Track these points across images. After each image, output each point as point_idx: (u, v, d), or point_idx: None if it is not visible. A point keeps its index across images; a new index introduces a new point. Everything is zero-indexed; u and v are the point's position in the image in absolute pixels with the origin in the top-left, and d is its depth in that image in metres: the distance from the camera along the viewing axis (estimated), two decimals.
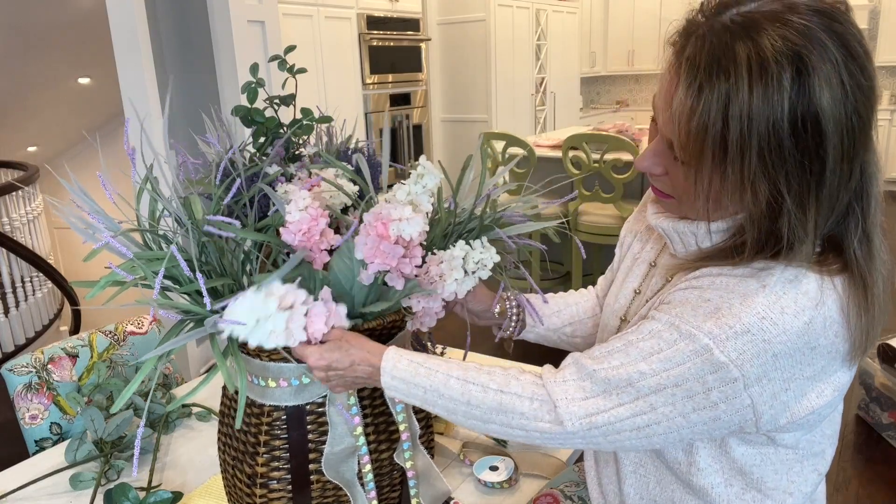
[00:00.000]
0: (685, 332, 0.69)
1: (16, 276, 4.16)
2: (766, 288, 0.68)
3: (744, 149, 0.65)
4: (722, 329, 0.68)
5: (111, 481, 1.16)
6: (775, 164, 0.65)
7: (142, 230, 0.77)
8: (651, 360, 0.71)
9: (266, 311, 0.69)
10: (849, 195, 0.70)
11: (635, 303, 0.89)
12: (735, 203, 0.71)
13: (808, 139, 0.64)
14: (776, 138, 0.64)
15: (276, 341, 0.71)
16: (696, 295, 0.72)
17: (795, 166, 0.66)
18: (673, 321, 0.71)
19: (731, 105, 0.64)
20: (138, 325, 1.59)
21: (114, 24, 2.42)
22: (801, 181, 0.66)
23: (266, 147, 0.97)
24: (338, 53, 4.19)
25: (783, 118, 0.64)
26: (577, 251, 3.56)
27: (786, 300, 0.68)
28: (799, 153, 0.65)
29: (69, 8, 3.83)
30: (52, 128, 5.27)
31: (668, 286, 0.81)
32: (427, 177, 0.79)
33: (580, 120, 7.01)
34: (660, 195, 0.80)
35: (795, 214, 0.67)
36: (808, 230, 0.68)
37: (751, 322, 0.67)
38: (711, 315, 0.69)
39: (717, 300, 0.69)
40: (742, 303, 0.68)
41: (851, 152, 0.66)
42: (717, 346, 0.67)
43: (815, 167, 0.66)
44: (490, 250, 0.86)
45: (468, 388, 0.78)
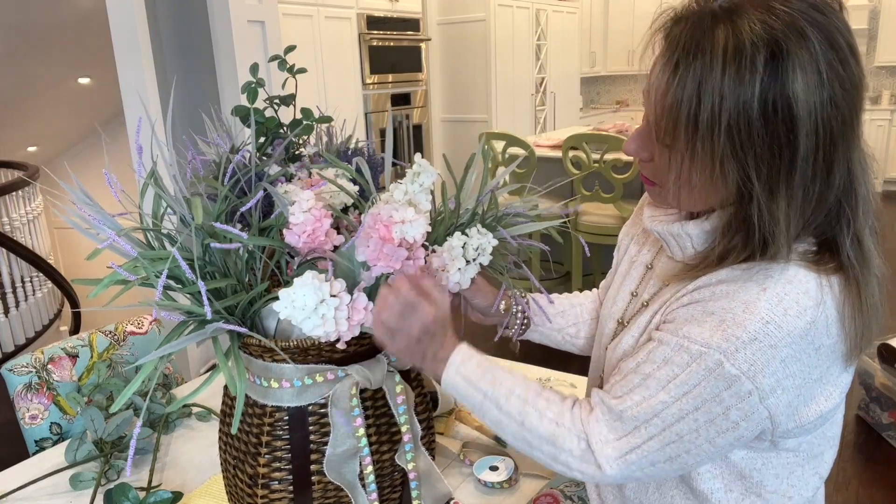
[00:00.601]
0: (695, 353, 0.69)
1: (16, 276, 4.16)
2: (767, 291, 0.68)
3: (713, 126, 0.66)
4: (730, 341, 0.67)
5: (111, 481, 1.16)
6: (744, 146, 0.66)
7: (145, 229, 0.77)
8: (669, 388, 0.71)
9: (323, 296, 0.69)
10: (835, 193, 0.69)
11: (632, 305, 0.89)
12: (706, 185, 0.70)
13: (778, 123, 0.65)
14: (745, 118, 0.65)
15: (327, 328, 0.71)
16: (699, 309, 0.72)
17: (765, 150, 0.66)
18: (682, 343, 0.71)
19: (704, 83, 0.65)
20: (138, 325, 1.59)
21: (114, 24, 2.42)
22: (770, 167, 0.66)
23: (266, 147, 0.97)
24: (338, 53, 4.18)
25: (753, 99, 0.64)
26: (577, 251, 3.56)
27: (787, 301, 0.68)
28: (768, 137, 0.65)
29: (69, 8, 3.83)
30: (52, 128, 5.27)
31: (664, 291, 0.82)
32: (424, 175, 0.79)
33: (580, 120, 7.01)
34: (646, 182, 0.80)
35: (765, 202, 0.67)
36: (778, 220, 0.68)
37: (756, 329, 0.67)
38: (717, 328, 0.69)
39: (720, 312, 0.69)
40: (745, 310, 0.68)
41: (828, 144, 0.66)
42: (728, 359, 0.67)
43: (785, 154, 0.66)
44: (487, 235, 0.86)
45: (526, 410, 0.78)
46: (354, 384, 0.82)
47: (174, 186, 0.81)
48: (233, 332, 0.74)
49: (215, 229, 0.74)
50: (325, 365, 0.82)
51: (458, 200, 0.92)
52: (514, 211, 0.96)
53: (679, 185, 0.73)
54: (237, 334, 0.76)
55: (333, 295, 0.71)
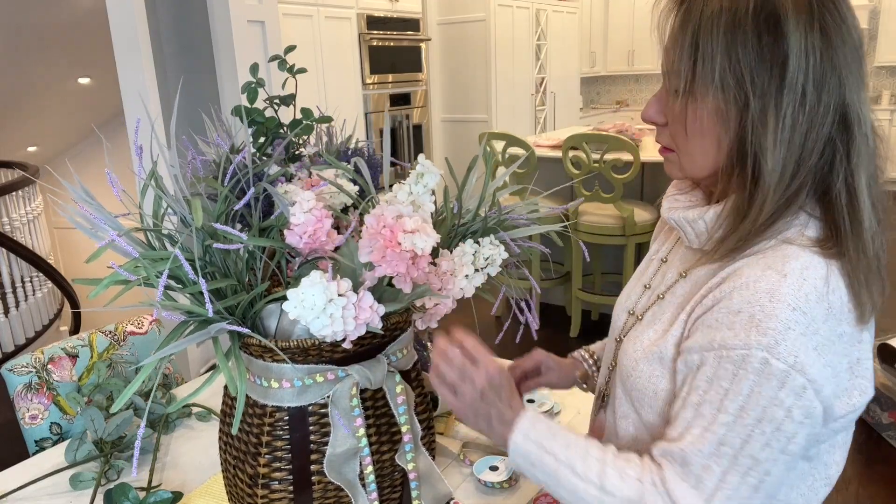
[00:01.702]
0: (737, 359, 0.67)
1: (16, 276, 4.16)
2: (788, 277, 0.67)
3: (712, 40, 0.69)
4: (767, 335, 0.65)
5: (111, 481, 1.16)
6: (740, 57, 0.68)
7: (146, 229, 0.77)
8: (724, 405, 0.68)
9: (331, 296, 0.69)
10: (827, 128, 0.69)
11: (644, 297, 0.89)
12: (712, 123, 0.72)
13: (769, 36, 0.68)
14: (741, 31, 0.68)
15: (335, 327, 0.71)
16: (723, 311, 0.69)
17: (759, 61, 0.68)
18: (720, 354, 0.68)
19: (705, 9, 0.70)
20: (138, 326, 1.59)
21: (114, 24, 2.42)
22: (764, 81, 0.68)
23: (266, 147, 0.97)
24: (338, 53, 4.18)
25: (747, 14, 0.68)
26: (577, 252, 3.56)
27: (807, 287, 0.67)
28: (760, 47, 0.68)
29: (69, 8, 3.83)
30: (52, 128, 5.27)
31: (681, 283, 0.81)
32: (427, 176, 0.79)
33: (580, 120, 7.01)
34: (663, 151, 0.82)
35: (758, 120, 0.69)
36: (766, 145, 0.69)
37: (787, 317, 0.65)
38: (749, 325, 0.67)
39: (746, 307, 0.67)
40: (771, 299, 0.66)
41: (818, 71, 0.68)
42: (772, 354, 0.65)
43: (776, 70, 0.68)
44: (498, 247, 0.87)
45: (606, 471, 0.73)
46: (355, 384, 0.82)
47: (174, 186, 0.81)
48: (233, 332, 0.74)
49: (216, 230, 0.74)
50: (325, 365, 0.82)
51: (459, 202, 0.92)
52: (515, 216, 0.96)
53: (690, 135, 0.75)
54: (238, 334, 0.76)
55: (340, 294, 0.71)
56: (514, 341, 1.07)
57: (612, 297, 3.52)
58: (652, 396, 0.78)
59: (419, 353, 1.28)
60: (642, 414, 0.81)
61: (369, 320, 0.74)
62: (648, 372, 0.78)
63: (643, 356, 0.79)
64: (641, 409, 0.80)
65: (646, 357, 0.79)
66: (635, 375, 0.80)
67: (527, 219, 0.96)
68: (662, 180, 3.60)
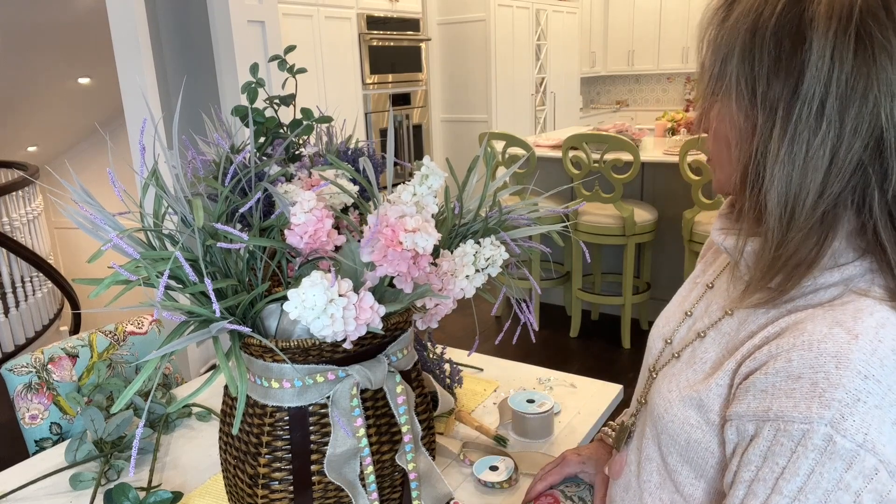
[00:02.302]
0: (797, 434, 0.58)
1: (16, 276, 4.16)
2: (860, 339, 0.58)
3: (734, 42, 0.64)
4: (831, 407, 0.57)
5: (111, 481, 1.16)
6: (755, 63, 0.62)
7: (146, 229, 0.77)
8: (780, 486, 0.59)
9: (332, 296, 0.69)
10: (857, 154, 0.59)
11: (684, 326, 0.81)
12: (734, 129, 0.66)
13: (790, 41, 0.60)
14: (760, 35, 0.62)
15: (336, 328, 0.71)
16: (782, 374, 0.61)
17: (775, 69, 0.61)
18: (777, 427, 0.60)
19: (742, 10, 0.64)
20: (138, 325, 1.59)
21: (114, 24, 2.42)
22: (776, 90, 0.61)
23: (266, 147, 0.97)
24: (338, 53, 4.18)
25: (772, 16, 0.61)
26: (577, 252, 3.56)
27: (883, 350, 0.58)
28: (778, 53, 0.61)
29: (69, 8, 3.83)
30: (52, 128, 5.27)
31: (725, 321, 0.73)
32: (432, 177, 0.79)
33: (580, 120, 7.01)
34: (708, 162, 0.76)
35: (765, 134, 0.62)
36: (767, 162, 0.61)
37: (856, 387, 0.57)
38: (811, 394, 0.58)
39: (808, 373, 0.59)
40: (838, 366, 0.58)
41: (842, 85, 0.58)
42: (837, 430, 0.57)
43: (792, 75, 0.60)
44: (499, 248, 0.87)
45: None
46: (355, 384, 0.82)
47: (175, 186, 0.81)
48: (234, 332, 0.74)
49: (216, 230, 0.74)
50: (325, 365, 0.82)
51: (461, 202, 0.92)
52: (516, 216, 0.96)
53: (710, 139, 0.70)
54: (238, 334, 0.76)
55: (341, 294, 0.71)
56: (514, 341, 1.07)
57: (611, 297, 3.53)
58: (684, 445, 0.71)
59: (419, 354, 1.28)
60: (668, 461, 0.74)
61: (370, 320, 0.74)
62: (683, 417, 0.71)
63: (678, 398, 0.72)
64: (669, 456, 0.74)
65: (682, 400, 0.71)
66: (668, 418, 0.72)
67: (527, 219, 0.96)
68: (662, 180, 3.60)
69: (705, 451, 0.69)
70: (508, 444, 1.22)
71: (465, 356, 1.51)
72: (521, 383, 1.45)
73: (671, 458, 0.73)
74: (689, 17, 7.08)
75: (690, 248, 3.20)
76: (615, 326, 3.74)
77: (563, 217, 0.99)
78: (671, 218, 3.57)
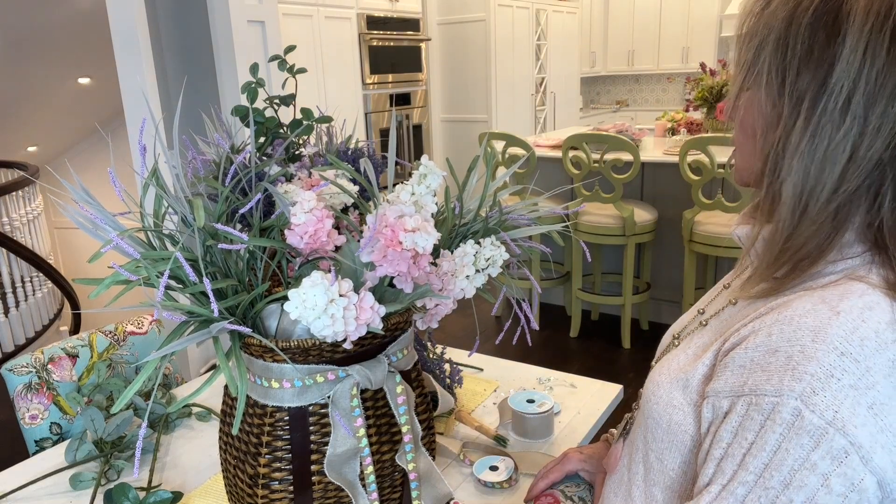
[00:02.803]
0: (767, 407, 0.57)
1: (16, 276, 4.17)
2: (841, 315, 0.57)
3: (769, 31, 0.63)
4: (802, 380, 0.55)
5: (111, 481, 1.16)
6: (788, 52, 0.61)
7: (147, 229, 0.77)
8: (746, 462, 0.58)
9: (332, 296, 0.69)
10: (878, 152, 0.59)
11: (694, 321, 0.79)
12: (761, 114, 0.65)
13: (824, 33, 0.59)
14: (796, 24, 0.61)
15: (336, 328, 0.71)
16: (761, 348, 0.60)
17: (806, 59, 0.60)
18: (749, 400, 0.59)
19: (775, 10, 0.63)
20: (138, 326, 1.59)
21: (114, 24, 2.42)
22: (805, 80, 0.60)
23: (266, 147, 0.97)
24: (338, 53, 4.19)
25: (809, 8, 0.60)
26: (577, 252, 3.56)
27: (865, 329, 0.57)
28: (811, 43, 0.60)
29: (69, 8, 3.83)
30: (52, 128, 5.27)
31: (727, 310, 0.73)
32: (430, 177, 0.79)
33: (580, 120, 7.01)
34: (733, 153, 0.75)
35: (788, 124, 0.61)
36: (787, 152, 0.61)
37: (831, 362, 0.55)
38: (785, 367, 0.57)
39: (784, 346, 0.58)
40: (814, 339, 0.57)
41: (871, 82, 0.58)
42: (806, 404, 0.55)
43: (822, 66, 0.59)
44: (500, 248, 0.87)
45: None
46: (355, 384, 0.82)
47: (175, 186, 0.81)
48: (234, 332, 0.74)
49: (216, 230, 0.74)
50: (325, 365, 0.82)
51: (461, 202, 0.92)
52: (516, 216, 0.96)
53: (736, 128, 0.69)
54: (238, 334, 0.76)
55: (342, 295, 0.71)
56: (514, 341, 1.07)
57: (612, 297, 3.53)
58: (665, 428, 0.70)
59: (419, 354, 1.28)
60: (652, 447, 0.72)
61: (370, 321, 0.74)
62: (667, 398, 0.69)
63: (667, 380, 0.71)
64: (652, 442, 0.72)
65: (669, 381, 0.70)
66: (654, 401, 0.71)
67: (527, 219, 0.96)
68: (662, 180, 3.60)
69: (684, 434, 0.68)
70: (508, 444, 1.22)
71: (466, 356, 1.51)
72: (521, 383, 1.45)
73: (654, 444, 0.72)
74: (689, 17, 7.08)
75: (690, 248, 3.20)
76: (615, 326, 3.74)
77: (563, 217, 0.99)
78: (671, 218, 3.57)
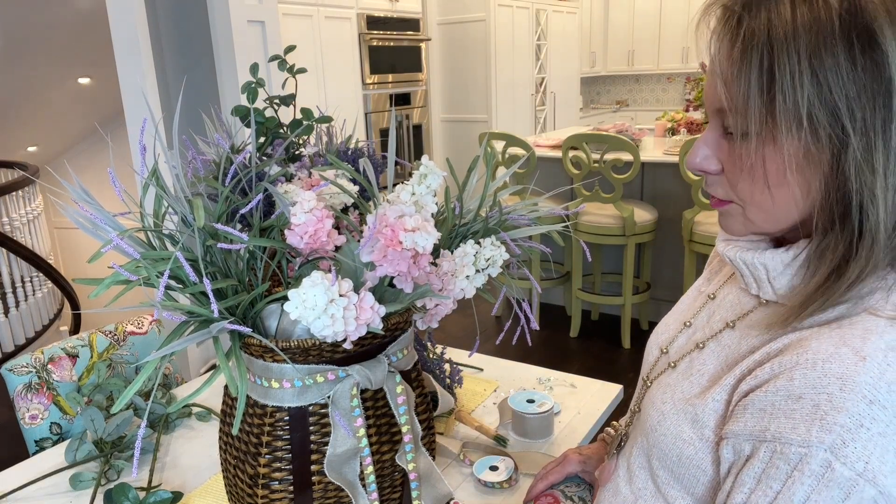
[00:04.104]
0: (794, 458, 0.55)
1: (16, 276, 4.17)
2: (867, 360, 0.55)
3: (794, 68, 0.55)
4: (832, 431, 0.54)
5: (111, 481, 1.16)
6: (831, 85, 0.55)
7: (147, 229, 0.77)
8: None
9: (332, 296, 0.69)
10: None
11: (682, 336, 0.78)
12: (798, 165, 0.58)
13: (865, 58, 0.54)
14: (830, 55, 0.55)
15: (336, 328, 0.71)
16: (782, 393, 0.57)
17: (857, 90, 0.55)
18: (773, 448, 0.57)
19: (775, 29, 0.56)
20: (138, 326, 1.59)
21: (114, 24, 2.42)
22: (864, 109, 0.55)
23: (266, 147, 0.97)
24: (338, 53, 4.19)
25: (834, 32, 0.55)
26: (577, 252, 3.56)
27: (891, 374, 0.55)
28: (856, 72, 0.54)
29: (69, 8, 3.83)
30: (52, 128, 5.27)
31: (726, 334, 0.70)
32: (430, 177, 0.79)
33: (580, 120, 7.02)
34: (718, 205, 0.68)
35: (863, 161, 0.55)
36: (876, 191, 0.55)
37: (861, 412, 0.54)
38: (812, 417, 0.55)
39: (810, 394, 0.56)
40: (842, 388, 0.54)
41: None
42: (836, 456, 0.53)
43: (879, 98, 0.54)
44: (500, 248, 0.87)
45: None
46: (355, 384, 0.82)
47: (175, 186, 0.81)
48: (234, 332, 0.74)
49: (216, 230, 0.74)
50: (325, 365, 0.82)
51: (461, 202, 0.92)
52: (516, 216, 0.96)
53: (765, 184, 0.61)
54: (238, 334, 0.76)
55: (342, 295, 0.71)
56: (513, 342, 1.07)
57: (611, 297, 3.53)
58: (675, 461, 0.68)
59: (419, 354, 1.28)
60: (659, 474, 0.72)
61: (370, 321, 0.74)
62: (675, 431, 0.68)
63: (672, 410, 0.69)
64: (660, 470, 0.71)
65: (675, 412, 0.69)
66: (660, 431, 0.70)
67: (527, 219, 0.96)
68: (662, 180, 3.60)
69: (696, 469, 0.67)
70: (508, 444, 1.22)
71: (466, 356, 1.51)
72: (521, 383, 1.45)
73: (662, 472, 0.71)
74: (689, 18, 7.08)
75: (690, 248, 3.21)
76: (615, 326, 3.74)
77: (563, 217, 0.99)
78: (671, 218, 3.57)
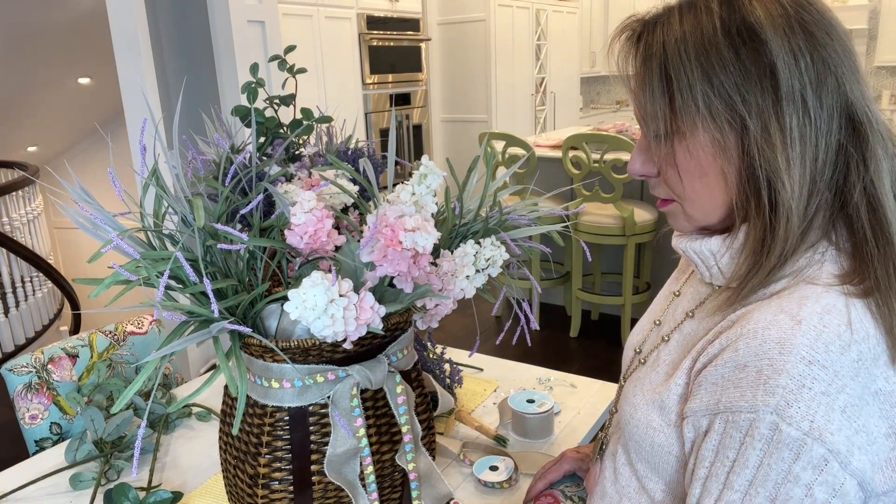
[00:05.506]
0: (744, 424, 0.58)
1: (16, 276, 4.16)
2: (802, 323, 0.58)
3: (685, 68, 0.63)
4: (775, 394, 0.56)
5: (111, 481, 1.16)
6: (721, 77, 0.62)
7: (147, 229, 0.77)
8: (731, 481, 0.58)
9: (332, 296, 0.69)
10: (836, 135, 0.61)
11: (652, 334, 0.81)
12: (709, 156, 0.64)
13: (747, 49, 0.61)
14: (715, 51, 0.62)
15: (336, 328, 0.71)
16: (729, 364, 0.60)
17: (744, 78, 0.61)
18: (726, 419, 0.59)
19: (667, 39, 0.64)
20: (138, 325, 1.59)
21: (114, 24, 2.42)
22: (757, 98, 0.61)
23: (266, 147, 0.97)
24: (338, 53, 4.18)
25: (716, 32, 0.62)
26: (577, 252, 3.56)
27: (828, 335, 0.57)
28: (743, 65, 0.61)
29: (69, 8, 3.83)
30: (52, 128, 5.27)
31: (686, 323, 0.74)
32: (430, 177, 0.79)
33: (580, 120, 7.01)
34: (662, 205, 0.74)
35: (763, 141, 0.61)
36: (779, 166, 0.61)
37: (800, 372, 0.56)
38: (756, 382, 0.57)
39: (753, 360, 0.58)
40: (781, 351, 0.57)
41: (811, 73, 0.61)
42: (782, 417, 0.56)
43: (766, 82, 0.61)
44: (500, 248, 0.87)
45: None
46: (355, 384, 0.82)
47: (175, 186, 0.81)
48: (234, 332, 0.74)
49: (216, 230, 0.74)
50: (325, 365, 0.82)
51: (461, 202, 0.92)
52: (516, 216, 0.96)
53: (689, 178, 0.66)
54: (238, 334, 0.76)
55: (342, 295, 0.71)
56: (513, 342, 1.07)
57: (611, 297, 3.53)
58: (648, 450, 0.71)
59: (419, 354, 1.28)
60: (638, 468, 0.74)
61: (370, 321, 0.74)
62: (646, 421, 0.70)
63: (643, 402, 0.72)
64: (637, 463, 0.74)
65: (645, 403, 0.71)
66: (633, 423, 0.72)
67: (527, 219, 0.96)
68: None
69: (668, 455, 0.68)
70: (508, 444, 1.23)
71: (466, 356, 1.51)
72: (521, 383, 1.45)
73: (640, 465, 0.73)
74: None
75: None
76: (615, 326, 3.74)
77: (563, 217, 0.99)
78: None
